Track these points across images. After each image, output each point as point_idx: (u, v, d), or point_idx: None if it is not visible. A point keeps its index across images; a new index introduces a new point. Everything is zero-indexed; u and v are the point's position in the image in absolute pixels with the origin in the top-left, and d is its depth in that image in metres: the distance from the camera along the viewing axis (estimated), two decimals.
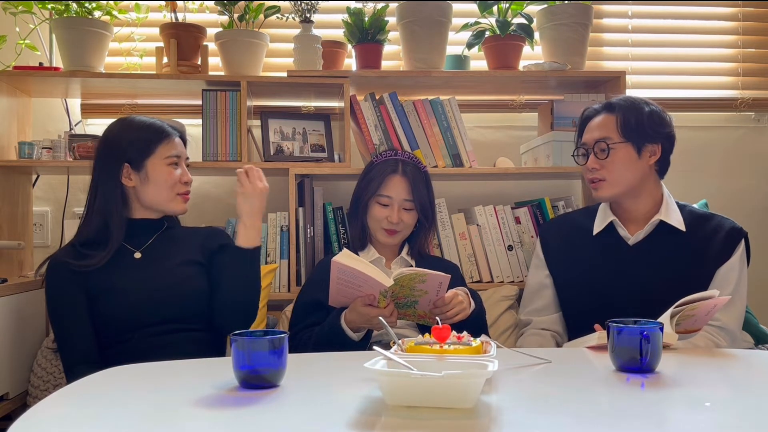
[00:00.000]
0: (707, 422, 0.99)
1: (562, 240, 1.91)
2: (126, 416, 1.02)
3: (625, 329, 1.23)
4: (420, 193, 1.94)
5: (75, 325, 1.66)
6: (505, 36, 2.44)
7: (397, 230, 1.93)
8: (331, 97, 2.50)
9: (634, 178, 1.79)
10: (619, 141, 1.78)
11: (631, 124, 1.77)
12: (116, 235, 1.70)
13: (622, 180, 1.79)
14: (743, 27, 2.87)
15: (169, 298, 1.70)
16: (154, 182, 1.73)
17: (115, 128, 1.77)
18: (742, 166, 2.85)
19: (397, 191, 1.93)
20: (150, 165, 1.72)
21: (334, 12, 2.63)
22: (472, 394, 0.99)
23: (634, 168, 1.78)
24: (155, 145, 1.73)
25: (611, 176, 1.79)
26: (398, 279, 1.56)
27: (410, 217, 1.94)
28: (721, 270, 1.74)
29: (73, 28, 2.28)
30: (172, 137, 1.76)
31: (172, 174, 1.74)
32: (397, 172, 1.94)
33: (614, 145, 1.78)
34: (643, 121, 1.78)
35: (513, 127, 2.75)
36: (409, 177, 1.94)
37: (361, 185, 2.00)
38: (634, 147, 1.77)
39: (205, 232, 1.89)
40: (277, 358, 1.14)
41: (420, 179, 1.96)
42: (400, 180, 1.94)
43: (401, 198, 1.93)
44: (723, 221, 1.81)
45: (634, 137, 1.77)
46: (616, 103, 1.82)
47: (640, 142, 1.78)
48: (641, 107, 1.80)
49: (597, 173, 1.80)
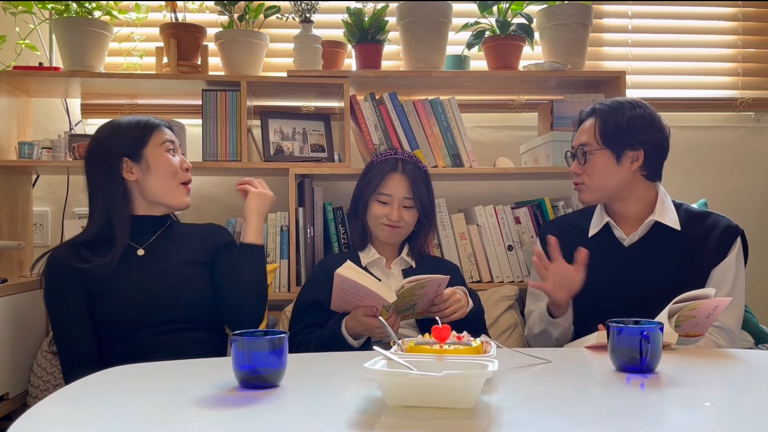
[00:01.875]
0: (707, 422, 0.99)
1: (560, 241, 1.91)
2: (126, 416, 1.02)
3: (625, 329, 1.23)
4: (420, 192, 1.94)
5: (74, 324, 1.65)
6: (505, 36, 2.44)
7: (398, 226, 1.93)
8: (331, 97, 2.50)
9: (614, 184, 1.79)
10: (597, 148, 1.78)
11: (609, 131, 1.77)
12: (121, 234, 1.70)
13: (600, 185, 1.80)
14: (743, 27, 2.88)
15: (171, 298, 1.70)
16: (155, 170, 1.74)
17: (105, 129, 1.78)
18: (742, 166, 2.85)
19: (397, 189, 1.93)
20: (149, 153, 1.74)
21: (334, 12, 2.63)
22: (472, 394, 0.99)
23: (613, 174, 1.78)
24: (148, 135, 1.75)
25: (590, 181, 1.81)
26: (400, 292, 1.56)
27: (410, 215, 1.94)
28: (717, 269, 1.74)
29: (73, 28, 2.28)
30: (161, 126, 1.79)
31: (172, 160, 1.76)
32: (396, 171, 1.95)
33: (593, 152, 1.79)
34: (621, 128, 1.76)
35: (513, 127, 2.75)
36: (409, 175, 1.94)
37: (360, 185, 2.00)
38: (612, 153, 1.77)
39: (207, 229, 1.89)
40: (277, 358, 1.14)
41: (420, 178, 1.96)
42: (400, 178, 1.94)
43: (401, 196, 1.93)
44: (719, 219, 1.80)
45: (611, 144, 1.77)
46: (599, 108, 1.82)
47: (618, 148, 1.77)
48: (622, 112, 1.77)
49: (578, 178, 1.84)
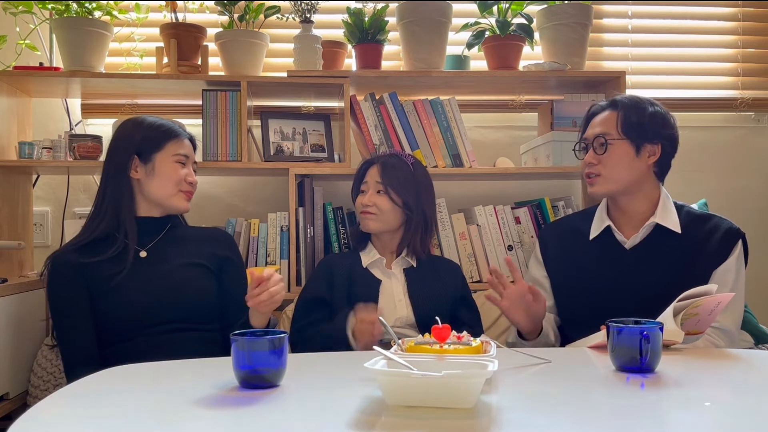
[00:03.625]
0: (707, 422, 0.99)
1: (561, 244, 1.91)
2: (126, 416, 1.02)
3: (625, 329, 1.23)
4: (393, 179, 1.94)
5: (77, 323, 1.66)
6: (505, 36, 2.44)
7: (370, 212, 1.93)
8: (331, 97, 2.50)
9: (630, 176, 1.79)
10: (618, 137, 1.78)
11: (632, 122, 1.77)
12: (129, 228, 1.72)
13: (617, 177, 1.79)
14: (743, 27, 2.88)
15: (173, 298, 1.70)
16: (159, 176, 1.76)
17: (128, 125, 1.82)
18: (742, 166, 2.85)
19: (371, 176, 1.97)
20: (158, 159, 1.76)
21: (334, 12, 2.63)
22: (472, 394, 0.99)
23: (631, 166, 1.78)
24: (165, 141, 1.78)
25: (607, 171, 1.79)
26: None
27: (383, 200, 1.93)
28: (718, 271, 1.74)
29: (73, 28, 2.28)
30: (182, 137, 1.81)
31: (178, 171, 1.78)
32: (373, 162, 2.00)
33: (613, 141, 1.78)
34: (645, 121, 1.78)
35: (513, 127, 2.75)
36: (384, 164, 1.97)
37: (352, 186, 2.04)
38: (632, 145, 1.77)
39: (210, 234, 1.90)
40: (277, 358, 1.14)
41: (398, 167, 1.96)
42: (375, 167, 1.98)
43: (374, 181, 1.96)
44: (720, 222, 1.80)
45: (633, 135, 1.77)
46: (620, 100, 1.83)
47: (639, 140, 1.77)
48: (644, 107, 1.80)
49: (594, 168, 1.81)
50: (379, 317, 1.51)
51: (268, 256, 2.27)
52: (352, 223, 2.31)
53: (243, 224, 2.29)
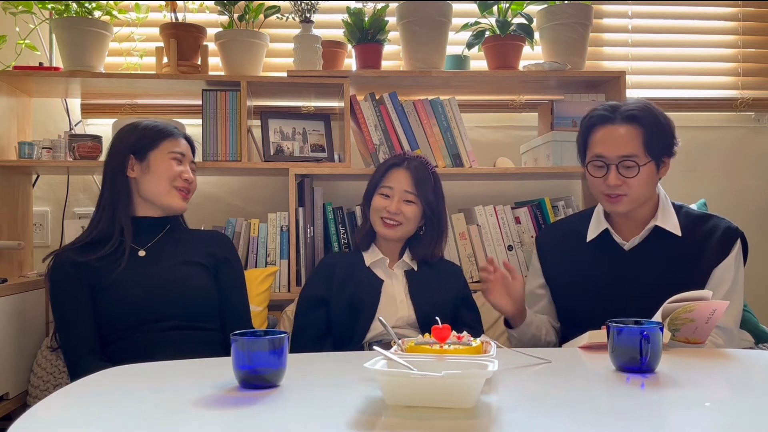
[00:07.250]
0: (707, 422, 0.99)
1: (558, 247, 1.91)
2: (126, 416, 1.02)
3: (625, 329, 1.23)
4: (424, 190, 1.92)
5: (79, 319, 1.67)
6: (505, 36, 2.44)
7: (396, 222, 1.90)
8: (331, 97, 2.50)
9: (651, 192, 1.78)
10: (648, 161, 1.72)
11: (658, 143, 1.73)
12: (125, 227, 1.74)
13: (642, 195, 1.75)
14: (743, 27, 2.88)
15: (171, 295, 1.71)
16: (153, 173, 1.78)
17: (126, 126, 1.85)
18: (742, 166, 2.85)
19: (399, 182, 1.92)
20: (153, 157, 1.78)
21: (334, 12, 2.63)
22: (472, 394, 0.99)
23: (653, 183, 1.77)
24: (160, 140, 1.80)
25: (633, 192, 1.73)
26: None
27: (411, 210, 1.91)
28: (717, 270, 1.73)
29: (73, 28, 2.28)
30: (177, 136, 1.83)
31: (173, 168, 1.79)
32: (401, 166, 1.95)
33: (643, 165, 1.72)
34: (668, 140, 1.75)
35: (513, 127, 2.75)
36: (413, 171, 1.93)
37: (369, 183, 2.00)
38: (656, 164, 1.75)
39: (209, 236, 1.92)
40: (277, 358, 1.14)
41: (425, 177, 1.94)
42: (403, 172, 1.93)
43: (402, 189, 1.92)
44: (719, 222, 1.79)
45: (657, 155, 1.74)
46: (641, 116, 1.73)
47: (660, 158, 1.75)
48: (663, 123, 1.75)
49: (618, 189, 1.73)
50: (379, 317, 1.51)
51: (268, 256, 2.27)
52: (352, 223, 2.30)
53: (243, 224, 2.29)
